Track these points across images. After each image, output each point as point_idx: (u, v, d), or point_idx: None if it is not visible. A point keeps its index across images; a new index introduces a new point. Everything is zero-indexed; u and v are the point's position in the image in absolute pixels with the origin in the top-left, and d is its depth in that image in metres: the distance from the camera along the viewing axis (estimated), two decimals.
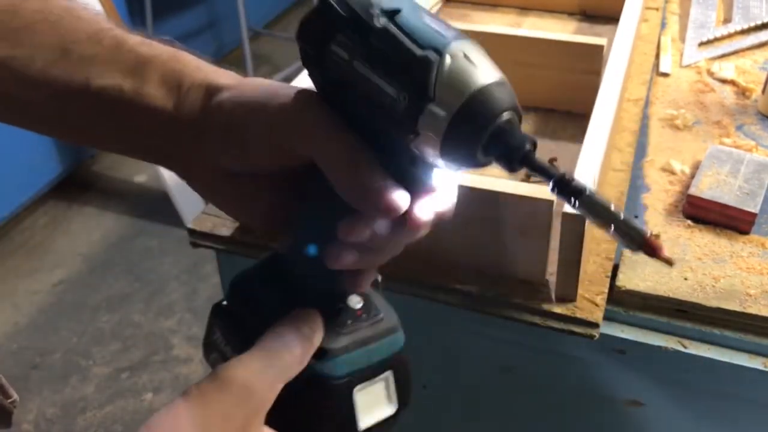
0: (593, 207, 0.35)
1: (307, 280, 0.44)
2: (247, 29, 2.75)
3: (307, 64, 0.40)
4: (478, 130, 0.35)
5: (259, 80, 0.43)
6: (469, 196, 0.67)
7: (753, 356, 0.66)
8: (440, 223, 0.42)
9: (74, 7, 0.44)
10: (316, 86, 0.41)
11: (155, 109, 0.42)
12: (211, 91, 0.43)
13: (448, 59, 0.35)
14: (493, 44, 1.01)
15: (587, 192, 0.35)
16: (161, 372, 1.87)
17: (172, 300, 2.07)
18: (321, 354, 0.42)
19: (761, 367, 0.66)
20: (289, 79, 0.91)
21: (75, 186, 2.54)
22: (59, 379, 1.88)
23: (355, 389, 0.43)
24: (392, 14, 0.37)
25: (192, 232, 0.79)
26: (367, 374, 0.43)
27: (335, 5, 0.38)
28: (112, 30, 0.43)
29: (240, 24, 2.70)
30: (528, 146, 0.36)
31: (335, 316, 0.43)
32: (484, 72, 0.36)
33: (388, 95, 0.36)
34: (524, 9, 1.28)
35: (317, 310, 0.42)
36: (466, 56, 0.36)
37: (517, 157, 0.36)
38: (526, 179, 0.87)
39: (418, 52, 0.35)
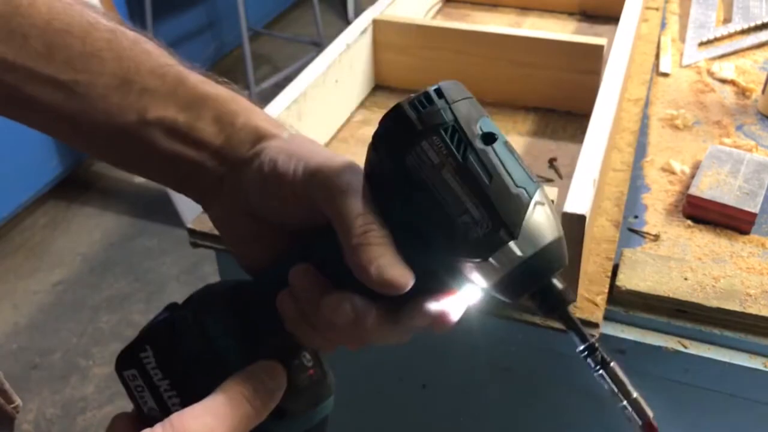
0: (614, 379, 0.40)
1: (266, 322, 0.43)
2: (247, 29, 2.75)
3: (382, 144, 0.40)
4: (539, 279, 0.38)
5: (307, 138, 0.45)
6: None
7: (753, 356, 0.66)
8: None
9: (141, 40, 0.46)
10: (370, 161, 0.40)
11: (205, 143, 0.44)
12: (261, 135, 0.44)
13: (536, 204, 0.37)
14: (493, 44, 1.02)
15: (611, 365, 0.40)
16: None
17: (172, 300, 2.07)
18: (280, 414, 0.41)
19: (761, 367, 0.66)
20: (289, 79, 0.91)
21: (75, 186, 2.54)
22: (59, 379, 1.88)
23: None
24: (489, 139, 0.37)
25: (192, 232, 0.79)
26: None
27: (444, 108, 0.38)
28: (175, 66, 0.45)
29: (240, 24, 2.70)
30: (569, 306, 0.39)
31: (293, 373, 0.43)
32: (556, 225, 0.38)
33: (470, 216, 0.37)
34: (524, 9, 1.28)
35: (282, 365, 0.42)
36: (548, 205, 0.38)
37: (558, 312, 0.39)
38: None
39: (514, 189, 0.37)
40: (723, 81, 1.06)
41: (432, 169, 0.37)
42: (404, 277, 0.38)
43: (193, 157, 0.44)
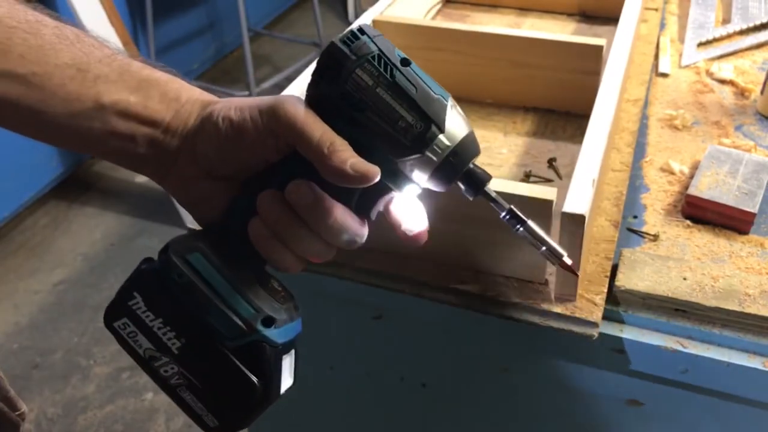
0: (533, 233, 0.51)
1: (240, 250, 0.49)
2: (248, 30, 2.75)
3: (322, 78, 0.47)
4: (465, 161, 0.48)
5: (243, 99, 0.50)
6: None
7: (752, 356, 0.67)
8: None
9: (83, 34, 0.50)
10: (312, 95, 0.48)
11: (157, 121, 0.49)
12: (205, 103, 0.50)
13: (451, 105, 0.47)
14: (493, 44, 1.02)
15: (528, 222, 0.51)
16: None
17: None
18: (269, 322, 0.48)
19: (761, 367, 0.66)
20: (289, 79, 0.91)
21: (76, 186, 2.55)
22: (60, 379, 1.88)
23: (284, 356, 0.49)
24: (406, 62, 0.47)
25: None
26: (288, 347, 0.50)
27: (368, 41, 0.47)
28: (119, 55, 0.50)
29: (240, 24, 2.70)
30: (489, 184, 0.50)
31: (269, 293, 0.50)
32: (467, 122, 0.49)
33: (406, 121, 0.46)
34: (524, 9, 1.28)
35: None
36: (459, 108, 0.48)
37: (481, 189, 0.50)
38: (526, 179, 0.87)
39: (434, 95, 0.47)
40: (722, 81, 1.06)
41: (368, 90, 0.46)
42: (374, 169, 0.46)
43: (148, 134, 0.49)
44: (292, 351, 0.51)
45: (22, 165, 2.29)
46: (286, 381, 0.50)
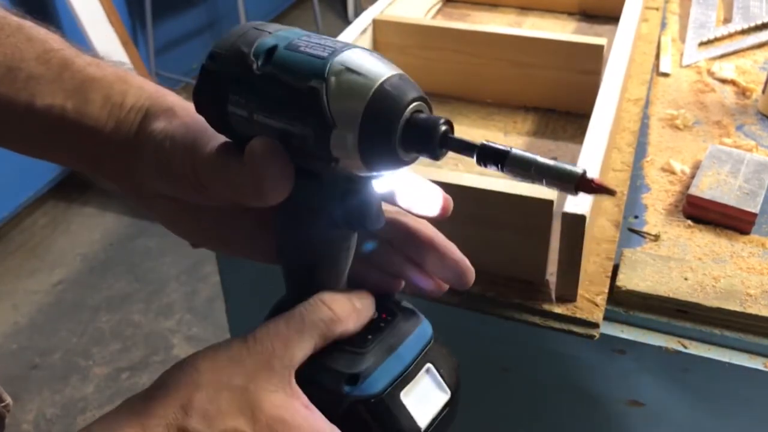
0: (521, 163, 0.34)
1: None
2: None
3: (215, 128, 0.40)
4: (388, 134, 0.35)
5: (191, 114, 0.43)
6: (468, 195, 0.67)
7: (753, 356, 0.66)
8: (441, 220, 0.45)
9: (25, 26, 0.44)
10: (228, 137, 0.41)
11: (95, 129, 0.43)
12: (149, 115, 0.43)
13: (332, 80, 0.35)
14: (493, 44, 1.02)
15: (511, 152, 0.34)
16: (161, 372, 1.87)
17: (172, 300, 2.07)
18: (352, 380, 0.41)
19: (761, 367, 0.66)
20: None
21: (75, 186, 2.55)
22: (59, 379, 1.88)
23: (401, 395, 0.42)
24: (269, 55, 0.37)
25: None
26: (408, 376, 0.43)
27: (216, 68, 0.38)
28: (61, 51, 0.44)
29: (240, 24, 2.70)
30: (443, 127, 0.35)
31: (352, 337, 0.43)
32: (371, 75, 0.36)
33: (295, 135, 0.36)
34: (524, 9, 1.28)
35: (368, 292, 0.45)
36: (348, 69, 0.36)
37: (435, 141, 0.35)
38: None
39: (302, 85, 0.35)
40: (723, 81, 1.06)
41: (249, 122, 0.37)
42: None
43: (88, 143, 0.44)
44: (421, 371, 0.44)
45: (21, 165, 2.29)
46: (426, 410, 0.43)
